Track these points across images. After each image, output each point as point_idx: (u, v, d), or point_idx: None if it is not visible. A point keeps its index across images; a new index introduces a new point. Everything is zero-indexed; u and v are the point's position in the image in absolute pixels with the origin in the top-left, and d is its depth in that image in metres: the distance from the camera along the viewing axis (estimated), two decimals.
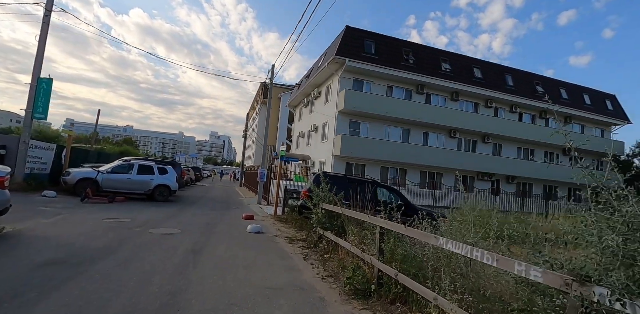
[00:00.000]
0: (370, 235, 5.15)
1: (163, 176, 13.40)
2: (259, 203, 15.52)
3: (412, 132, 22.95)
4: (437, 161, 22.09)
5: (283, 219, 10.70)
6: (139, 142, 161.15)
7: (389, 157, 20.99)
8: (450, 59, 23.77)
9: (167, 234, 7.10)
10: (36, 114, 11.58)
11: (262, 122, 58.39)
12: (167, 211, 10.78)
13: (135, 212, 9.88)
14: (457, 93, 23.67)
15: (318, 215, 7.11)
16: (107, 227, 7.19)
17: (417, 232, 3.66)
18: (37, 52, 11.48)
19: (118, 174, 12.56)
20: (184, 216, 9.90)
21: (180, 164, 17.50)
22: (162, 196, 13.24)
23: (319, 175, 9.31)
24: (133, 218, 8.69)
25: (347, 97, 20.08)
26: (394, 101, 21.73)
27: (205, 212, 11.37)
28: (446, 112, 22.79)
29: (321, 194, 7.39)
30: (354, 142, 20.38)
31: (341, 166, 20.88)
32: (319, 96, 25.06)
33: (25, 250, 5.04)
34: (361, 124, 21.84)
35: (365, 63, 20.63)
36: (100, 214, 8.94)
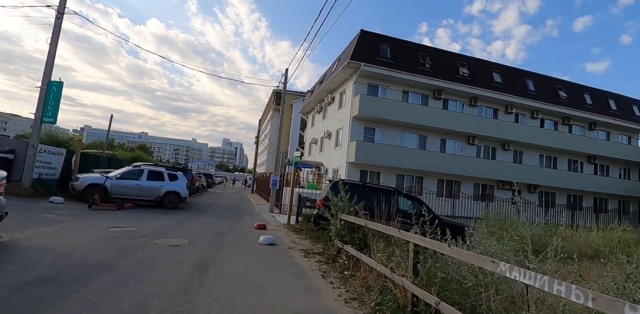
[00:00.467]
0: (400, 252, 4.50)
1: (173, 182, 12.98)
2: (271, 211, 14.95)
3: (429, 138, 22.18)
4: (455, 169, 21.21)
5: (297, 230, 10.09)
6: (153, 148, 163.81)
7: (405, 165, 20.23)
8: (468, 64, 23.04)
9: (173, 245, 6.56)
10: (45, 118, 11.35)
11: (274, 129, 58.31)
12: (176, 219, 10.30)
13: (143, 220, 9.42)
14: (476, 98, 22.86)
15: (337, 227, 6.48)
16: (110, 238, 6.70)
17: (468, 254, 3.00)
18: (48, 55, 11.30)
19: (127, 180, 12.19)
20: (193, 225, 9.38)
21: (191, 170, 17.14)
22: (171, 203, 12.80)
23: (336, 183, 8.70)
24: (139, 227, 8.20)
25: (361, 102, 19.52)
26: (410, 106, 21.05)
27: (216, 221, 10.84)
28: (464, 118, 21.96)
29: (340, 204, 6.76)
30: (368, 149, 19.73)
31: (355, 173, 20.22)
32: (333, 101, 24.58)
33: (15, 265, 4.54)
34: (376, 130, 21.20)
35: (380, 67, 20.09)
36: (106, 222, 8.49)
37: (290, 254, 6.97)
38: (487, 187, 23.44)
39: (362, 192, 7.99)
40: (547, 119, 25.40)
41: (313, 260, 6.54)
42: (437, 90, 21.94)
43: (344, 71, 20.55)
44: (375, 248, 5.14)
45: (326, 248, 7.34)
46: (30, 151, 10.97)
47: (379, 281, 4.61)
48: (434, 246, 3.46)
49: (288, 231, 9.89)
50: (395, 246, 4.87)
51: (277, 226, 11.02)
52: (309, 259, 6.63)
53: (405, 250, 4.38)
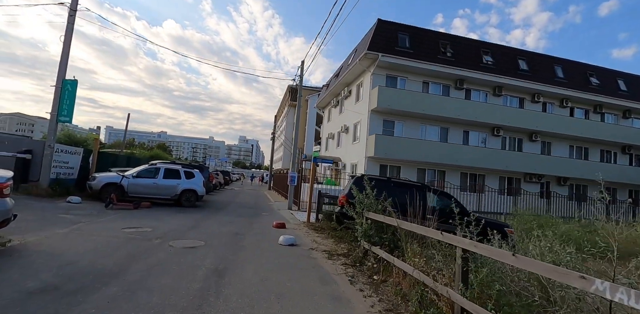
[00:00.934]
0: (443, 257, 3.91)
1: (190, 180, 12.70)
2: (289, 209, 14.54)
3: (452, 130, 21.24)
4: (479, 162, 20.24)
5: (318, 228, 9.60)
6: (172, 147, 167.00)
7: (426, 158, 19.43)
8: (492, 51, 21.89)
9: (189, 247, 6.17)
10: (61, 117, 11.21)
11: (290, 125, 58.02)
12: (193, 218, 9.98)
13: (159, 219, 9.12)
14: (500, 87, 21.72)
15: (363, 227, 5.93)
16: (123, 240, 6.37)
17: (543, 265, 2.39)
18: (62, 53, 11.14)
19: (144, 179, 11.97)
20: (210, 225, 9.02)
21: (208, 168, 16.87)
22: (188, 202, 12.53)
23: (359, 178, 8.15)
24: (155, 227, 7.88)
25: (380, 94, 18.79)
26: (431, 97, 20.16)
27: (233, 219, 10.47)
28: (488, 109, 20.90)
29: (366, 202, 6.21)
30: (388, 143, 19.01)
31: (375, 168, 19.57)
32: (349, 95, 23.90)
33: (20, 271, 4.21)
34: (395, 123, 20.43)
35: (399, 58, 19.26)
36: (121, 222, 8.22)
37: (312, 255, 6.48)
38: (514, 181, 22.36)
39: (387, 188, 7.40)
40: (577, 107, 23.97)
41: (338, 263, 6.03)
42: (459, 79, 20.95)
43: (361, 63, 19.83)
44: (410, 251, 4.57)
45: (351, 248, 6.82)
46: (47, 150, 10.87)
47: (416, 289, 4.05)
48: (492, 253, 2.86)
49: (308, 230, 9.42)
50: (433, 249, 4.29)
51: (297, 224, 10.57)
52: (334, 261, 6.12)
53: (448, 255, 3.80)
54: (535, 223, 10.20)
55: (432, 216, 6.38)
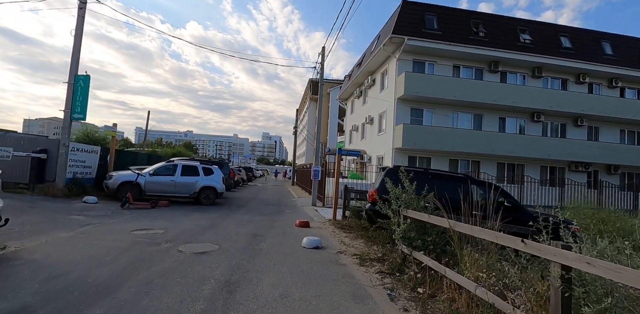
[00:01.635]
0: (515, 271, 2.88)
1: (208, 177, 12.09)
2: (313, 205, 13.70)
3: (486, 117, 19.63)
4: (517, 150, 18.55)
5: (345, 226, 8.67)
6: (198, 145, 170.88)
7: (458, 148, 18.00)
8: (530, 28, 19.96)
9: (199, 253, 5.41)
10: (75, 114, 10.84)
11: (312, 119, 57.19)
12: (211, 217, 9.31)
13: (174, 219, 8.50)
14: (540, 68, 19.81)
15: (402, 227, 4.94)
16: (129, 244, 5.70)
17: None
18: (73, 48, 10.72)
19: (161, 177, 11.46)
20: (227, 225, 8.29)
21: (228, 163, 16.28)
22: (208, 200, 11.94)
23: (393, 170, 7.15)
24: (168, 228, 7.22)
25: (407, 80, 17.49)
26: (463, 81, 18.61)
27: (253, 218, 9.72)
28: (527, 92, 19.08)
29: (405, 198, 5.20)
30: (417, 133, 17.72)
31: (403, 159, 18.35)
32: (373, 84, 22.66)
33: None
34: (424, 112, 19.08)
35: (427, 40, 17.83)
36: (134, 223, 7.63)
37: (341, 261, 5.56)
38: (556, 171, 20.51)
39: (424, 181, 6.33)
40: (628, 87, 21.60)
41: (372, 270, 5.08)
42: (493, 61, 19.24)
43: (386, 48, 18.56)
44: (469, 260, 3.55)
45: (386, 252, 5.84)
46: (61, 149, 10.52)
47: (481, 312, 3.05)
48: (626, 278, 1.82)
49: (335, 229, 8.51)
50: (493, 255, 3.25)
51: (322, 222, 9.69)
52: (367, 268, 5.17)
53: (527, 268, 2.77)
54: (596, 218, 8.82)
55: (480, 212, 5.33)
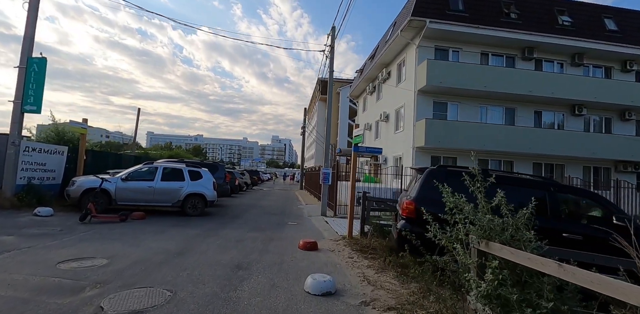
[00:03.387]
0: None
1: (196, 182, 9.99)
2: (323, 215, 11.46)
3: (519, 111, 17.19)
4: (557, 148, 16.03)
5: (365, 248, 6.41)
6: (208, 149, 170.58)
7: (489, 146, 15.58)
8: (569, 9, 17.47)
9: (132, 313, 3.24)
10: (26, 105, 8.86)
11: (321, 120, 55.04)
12: (190, 235, 7.15)
13: (137, 240, 6.37)
14: (581, 55, 17.27)
15: (488, 278, 2.68)
16: (29, 293, 3.57)
17: None
18: (26, 24, 8.73)
19: (136, 182, 9.39)
20: (206, 248, 6.11)
21: (224, 166, 14.19)
22: (195, 209, 9.82)
23: (437, 172, 4.96)
24: (115, 257, 5.09)
25: (430, 69, 15.18)
26: (494, 70, 16.21)
27: (245, 235, 7.53)
28: (567, 81, 16.55)
29: (484, 221, 2.95)
30: (441, 129, 15.38)
31: (425, 160, 16.01)
32: (389, 77, 20.39)
33: None
34: (449, 105, 16.73)
35: (452, 23, 15.51)
36: (73, 249, 5.52)
37: None
38: (601, 171, 17.89)
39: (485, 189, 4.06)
40: None
41: None
42: (527, 48, 16.80)
43: (404, 34, 16.30)
44: None
45: (439, 301, 3.56)
46: (10, 149, 8.53)
47: None
48: None
49: (352, 252, 6.25)
50: None
51: (334, 240, 7.44)
52: None
53: None
54: None
55: (574, 233, 3.06)
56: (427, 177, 5.08)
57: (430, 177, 5.09)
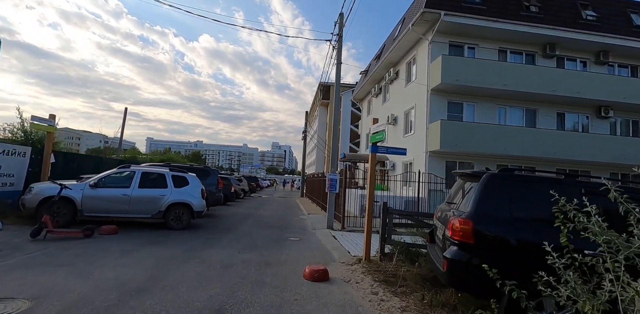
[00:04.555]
0: None
1: (181, 189, 8.49)
2: (329, 228, 9.93)
3: (541, 112, 15.80)
4: (583, 153, 14.57)
5: (391, 277, 4.90)
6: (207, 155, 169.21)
7: (511, 150, 14.16)
8: (593, 3, 16.20)
9: None
10: None
11: (322, 126, 53.70)
12: (164, 258, 5.63)
13: (92, 266, 4.85)
14: (607, 52, 15.94)
15: None
16: None
17: None
18: None
19: (108, 190, 7.89)
20: (179, 279, 4.58)
21: (216, 171, 12.69)
22: (178, 222, 8.30)
23: (501, 178, 3.51)
24: (43, 297, 3.59)
25: (445, 65, 13.83)
26: (515, 67, 14.86)
27: (236, 257, 6.00)
28: (593, 80, 15.18)
29: None
30: (458, 131, 13.96)
31: (439, 166, 14.57)
32: (396, 77, 19.05)
33: None
34: (464, 106, 15.33)
35: (468, 16, 14.20)
36: (4, 277, 4.02)
37: None
38: (630, 178, 16.37)
39: (570, 198, 2.57)
40: None
41: None
42: (548, 44, 15.48)
43: (416, 28, 14.98)
44: None
45: None
46: None
47: None
48: None
49: (375, 284, 4.72)
50: None
51: (347, 263, 5.91)
52: None
53: None
54: None
55: None
56: (488, 185, 3.60)
57: (492, 186, 3.61)
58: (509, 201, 3.53)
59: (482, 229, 3.46)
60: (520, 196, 3.54)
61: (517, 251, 3.37)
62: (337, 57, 10.26)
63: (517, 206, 3.52)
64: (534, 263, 3.35)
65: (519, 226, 3.43)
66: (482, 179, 3.68)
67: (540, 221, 3.42)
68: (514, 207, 3.51)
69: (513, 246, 3.38)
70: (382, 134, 5.68)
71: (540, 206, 3.52)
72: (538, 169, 15.42)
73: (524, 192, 3.56)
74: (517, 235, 3.39)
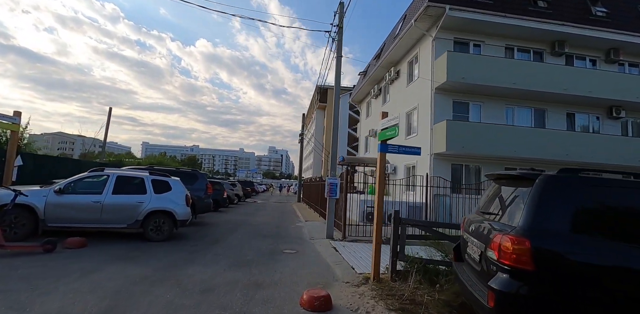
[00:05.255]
0: None
1: (162, 195, 7.53)
2: (329, 237, 8.98)
3: (550, 113, 15.03)
4: (593, 155, 13.77)
5: (408, 304, 3.96)
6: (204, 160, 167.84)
7: (520, 152, 13.34)
8: None
9: None
10: None
11: (319, 129, 52.87)
12: (129, 279, 4.66)
13: (32, 294, 3.87)
14: (617, 50, 15.25)
15: None
16: None
17: None
18: None
19: (77, 196, 6.91)
20: (141, 311, 3.63)
21: (205, 174, 11.72)
22: (159, 232, 7.32)
23: (567, 181, 2.55)
24: None
25: (450, 62, 13.04)
26: (524, 65, 14.09)
27: (219, 277, 5.03)
28: (605, 79, 14.46)
29: None
30: (465, 132, 13.13)
31: (444, 168, 13.74)
32: (397, 77, 18.27)
33: None
34: (470, 106, 14.53)
35: (474, 11, 13.46)
36: None
37: None
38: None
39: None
40: None
41: None
42: (557, 41, 14.76)
43: (419, 24, 14.21)
44: None
45: None
46: None
47: None
48: None
49: (387, 313, 3.78)
50: None
51: (354, 284, 4.97)
52: None
53: None
54: None
55: None
56: (546, 191, 2.70)
57: (551, 192, 2.70)
58: (577, 212, 2.63)
59: (545, 250, 2.55)
60: (592, 205, 2.65)
61: (597, 280, 2.46)
62: (337, 50, 9.40)
63: (588, 218, 2.62)
64: (623, 298, 2.43)
65: (595, 245, 2.52)
66: (537, 184, 2.77)
67: (625, 238, 2.52)
68: (585, 220, 2.61)
69: (592, 273, 2.47)
70: (395, 129, 4.80)
71: (624, 218, 2.63)
72: (548, 172, 14.61)
73: (597, 200, 2.66)
74: (596, 258, 2.48)
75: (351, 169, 17.72)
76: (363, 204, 12.43)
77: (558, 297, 2.48)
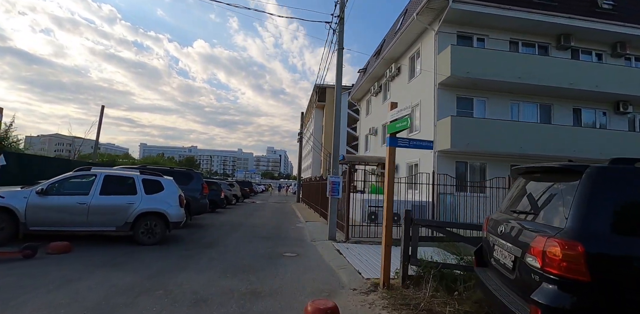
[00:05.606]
0: None
1: (154, 196, 7.07)
2: (331, 238, 8.53)
3: (556, 108, 14.66)
4: (600, 151, 13.35)
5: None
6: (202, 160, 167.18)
7: (527, 149, 12.94)
8: None
9: None
10: None
11: (318, 129, 52.43)
12: (114, 289, 4.20)
13: (0, 308, 3.43)
14: (623, 44, 14.87)
15: None
16: None
17: None
18: None
19: (62, 197, 6.44)
20: None
21: (200, 174, 11.26)
22: (151, 235, 6.86)
23: (617, 173, 2.04)
24: None
25: (454, 57, 12.62)
26: (530, 59, 13.70)
27: (213, 286, 4.57)
28: (612, 73, 14.06)
29: None
30: (470, 128, 12.72)
31: (449, 166, 13.31)
32: (398, 73, 17.85)
33: None
34: (475, 101, 14.13)
35: (478, 3, 13.04)
36: None
37: None
38: None
39: None
40: None
41: None
42: (563, 35, 14.36)
43: (421, 18, 13.79)
44: None
45: None
46: None
47: None
48: None
49: None
50: None
51: (362, 291, 4.53)
52: None
53: None
54: None
55: None
56: (597, 185, 2.26)
57: (604, 187, 2.26)
58: (637, 210, 2.20)
59: (601, 256, 2.11)
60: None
61: None
62: (338, 41, 8.96)
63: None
64: None
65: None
66: (586, 177, 2.33)
67: None
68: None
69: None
70: (406, 120, 4.36)
71: None
72: None
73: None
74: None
75: (352, 168, 17.27)
76: (365, 203, 12.00)
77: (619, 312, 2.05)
